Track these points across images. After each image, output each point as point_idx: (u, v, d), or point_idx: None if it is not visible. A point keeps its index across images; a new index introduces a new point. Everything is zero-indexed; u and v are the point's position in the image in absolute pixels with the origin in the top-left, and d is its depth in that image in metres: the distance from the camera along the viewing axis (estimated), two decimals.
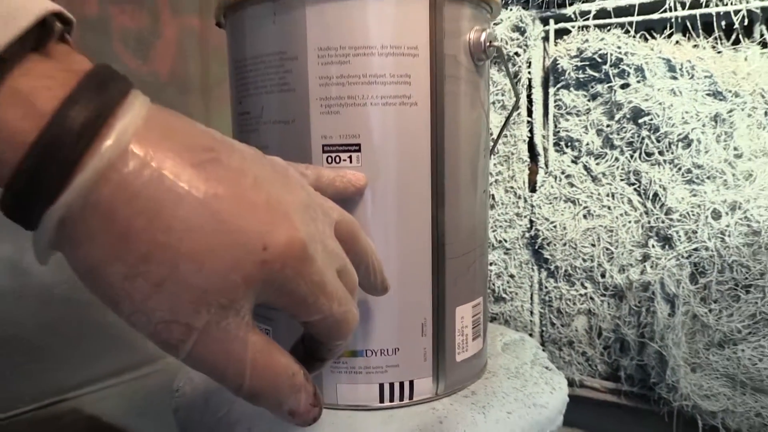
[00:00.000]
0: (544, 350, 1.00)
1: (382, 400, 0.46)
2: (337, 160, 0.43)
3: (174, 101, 1.55)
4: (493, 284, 1.06)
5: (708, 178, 0.86)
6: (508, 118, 0.60)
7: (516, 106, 0.61)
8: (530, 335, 1.06)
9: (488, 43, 0.46)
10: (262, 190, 0.27)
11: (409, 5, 0.42)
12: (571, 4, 0.97)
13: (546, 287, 1.03)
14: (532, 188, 1.04)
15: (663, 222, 0.90)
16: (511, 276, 1.05)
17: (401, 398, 0.46)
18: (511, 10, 1.02)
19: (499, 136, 0.66)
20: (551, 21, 0.99)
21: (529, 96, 1.02)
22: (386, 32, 0.42)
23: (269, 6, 0.43)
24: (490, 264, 1.06)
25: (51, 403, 1.28)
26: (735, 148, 0.85)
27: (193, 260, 0.24)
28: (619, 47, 0.92)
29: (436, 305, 0.47)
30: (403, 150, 0.43)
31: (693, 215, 0.87)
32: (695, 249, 0.86)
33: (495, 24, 1.03)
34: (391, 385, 0.46)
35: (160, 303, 0.25)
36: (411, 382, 0.46)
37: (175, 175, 0.24)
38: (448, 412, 0.45)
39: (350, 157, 0.43)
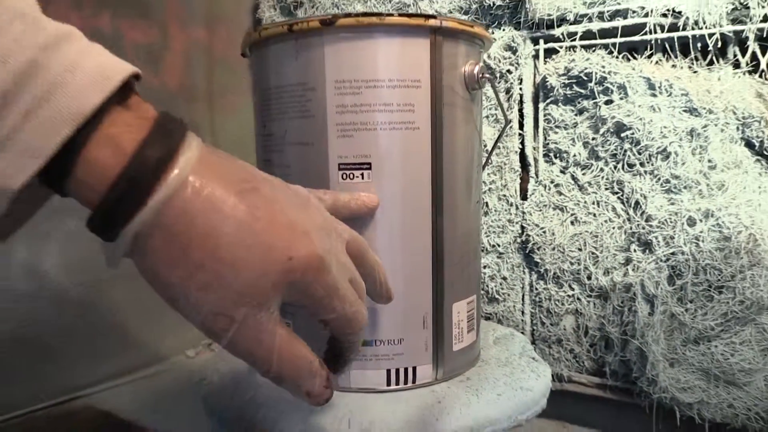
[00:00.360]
0: (534, 345, 1.08)
1: (389, 384, 0.53)
2: (351, 176, 0.50)
3: (182, 111, 1.62)
4: (487, 286, 1.14)
5: (684, 187, 0.94)
6: (498, 138, 0.68)
7: (505, 128, 0.69)
8: (522, 333, 1.13)
9: (481, 75, 0.54)
10: (287, 215, 0.34)
11: (412, 45, 0.50)
12: (559, 26, 1.05)
13: (536, 289, 1.11)
14: (524, 196, 1.12)
15: (643, 228, 0.97)
16: (504, 278, 1.13)
17: (405, 382, 0.54)
18: (504, 30, 1.10)
19: (491, 153, 0.73)
20: (541, 41, 1.07)
21: (520, 110, 1.10)
22: (393, 67, 0.50)
23: (292, 44, 0.50)
24: (485, 267, 1.14)
25: (66, 400, 1.35)
26: (709, 161, 0.93)
27: (234, 268, 0.32)
28: (603, 66, 1.00)
29: (435, 302, 0.54)
30: (407, 168, 0.51)
31: (670, 222, 0.94)
32: (672, 253, 0.94)
33: None
34: (397, 371, 0.53)
35: (208, 301, 0.32)
36: (414, 368, 0.54)
37: (223, 202, 0.31)
38: (445, 394, 0.53)
39: (362, 174, 0.50)
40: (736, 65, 0.95)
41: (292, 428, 0.50)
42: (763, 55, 0.93)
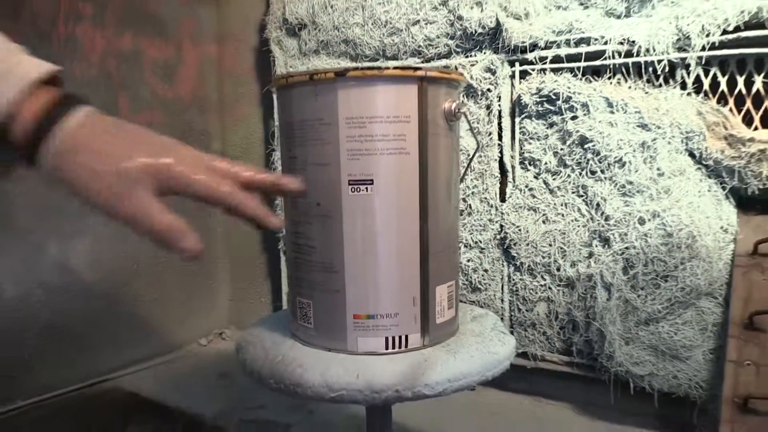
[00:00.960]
0: (512, 329, 1.24)
1: (387, 348, 0.69)
2: (358, 190, 0.66)
3: (196, 120, 1.79)
4: (470, 277, 1.31)
5: (637, 192, 1.11)
6: (471, 159, 0.84)
7: (476, 151, 0.85)
8: (501, 319, 1.30)
9: (457, 110, 0.70)
10: (146, 139, 0.48)
11: (404, 90, 0.66)
12: (531, 51, 1.21)
13: (513, 279, 1.27)
14: (502, 199, 1.28)
15: (603, 226, 1.14)
16: (485, 270, 1.29)
17: (400, 347, 0.70)
18: (484, 53, 1.26)
19: (466, 168, 0.90)
20: (516, 64, 1.24)
21: (499, 123, 1.27)
22: (390, 107, 0.66)
23: (312, 89, 0.67)
24: (468, 260, 1.30)
25: (95, 383, 1.51)
26: (658, 169, 1.10)
27: (105, 164, 0.45)
28: (569, 87, 1.16)
29: (423, 285, 0.70)
30: (400, 183, 0.67)
31: (625, 221, 1.11)
32: (626, 248, 1.11)
33: (472, 65, 1.27)
34: (393, 338, 0.69)
35: (97, 186, 0.45)
36: (406, 336, 0.70)
37: (99, 136, 0.46)
38: (430, 355, 0.69)
39: (366, 188, 0.66)
40: (684, 86, 1.12)
41: (313, 380, 0.66)
42: (705, 78, 1.10)
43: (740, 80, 1.09)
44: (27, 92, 0.44)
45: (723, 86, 1.10)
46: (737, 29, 1.04)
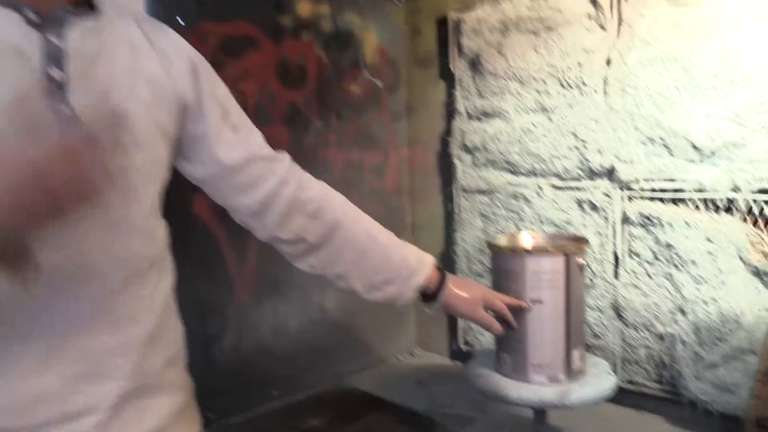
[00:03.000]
0: (623, 364, 1.94)
1: (548, 381, 1.44)
2: (534, 304, 1.41)
3: (395, 203, 2.63)
4: (593, 329, 2.02)
5: (704, 281, 1.77)
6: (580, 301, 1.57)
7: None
8: (612, 356, 2.01)
9: (583, 263, 1.43)
10: (478, 288, 1.26)
11: (557, 258, 1.40)
12: (635, 184, 1.90)
13: (623, 332, 1.97)
14: (615, 277, 1.98)
15: (682, 303, 1.82)
16: (604, 325, 2.01)
17: (554, 381, 1.44)
18: (603, 181, 1.97)
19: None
20: (625, 190, 1.94)
21: (614, 228, 1.96)
22: (550, 265, 1.40)
23: (511, 255, 1.43)
24: (592, 319, 2.02)
25: (338, 383, 2.36)
26: (718, 268, 1.76)
27: (470, 300, 1.24)
28: (659, 211, 1.85)
29: (566, 350, 1.44)
30: (555, 301, 1.41)
31: (695, 301, 1.78)
32: (697, 318, 1.77)
33: (595, 188, 1.98)
34: (551, 376, 1.44)
35: (465, 309, 1.24)
36: (557, 376, 1.44)
37: (459, 289, 1.23)
38: (569, 387, 1.42)
39: (538, 303, 1.41)
40: (740, 215, 1.76)
41: (512, 395, 1.42)
42: (749, 210, 1.74)
43: None
44: (432, 271, 1.19)
45: None
46: None
